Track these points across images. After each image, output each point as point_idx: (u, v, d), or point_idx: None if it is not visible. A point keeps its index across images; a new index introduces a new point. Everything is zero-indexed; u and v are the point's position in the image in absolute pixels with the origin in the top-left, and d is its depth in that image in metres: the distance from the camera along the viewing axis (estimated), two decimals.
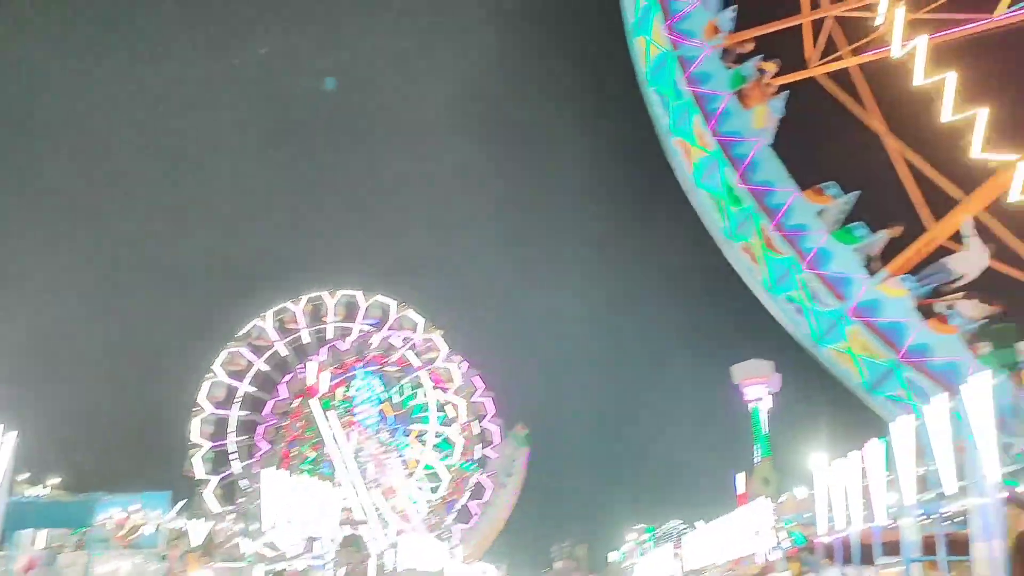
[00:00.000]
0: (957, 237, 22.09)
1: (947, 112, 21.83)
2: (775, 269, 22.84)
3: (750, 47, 25.22)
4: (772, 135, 23.94)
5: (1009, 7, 22.48)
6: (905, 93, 23.38)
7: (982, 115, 21.26)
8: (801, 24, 26.01)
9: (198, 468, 75.84)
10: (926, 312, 21.40)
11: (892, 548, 23.73)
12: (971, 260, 21.15)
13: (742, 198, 22.91)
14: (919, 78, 22.32)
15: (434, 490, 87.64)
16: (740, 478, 79.51)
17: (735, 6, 25.31)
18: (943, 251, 22.66)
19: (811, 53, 26.06)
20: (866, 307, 21.81)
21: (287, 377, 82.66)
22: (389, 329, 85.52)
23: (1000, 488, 16.49)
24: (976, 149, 21.39)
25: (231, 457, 78.11)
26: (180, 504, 41.55)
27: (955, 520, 26.36)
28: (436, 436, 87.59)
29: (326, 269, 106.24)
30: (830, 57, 25.83)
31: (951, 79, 21.69)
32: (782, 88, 24.66)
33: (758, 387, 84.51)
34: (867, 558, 25.51)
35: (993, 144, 21.67)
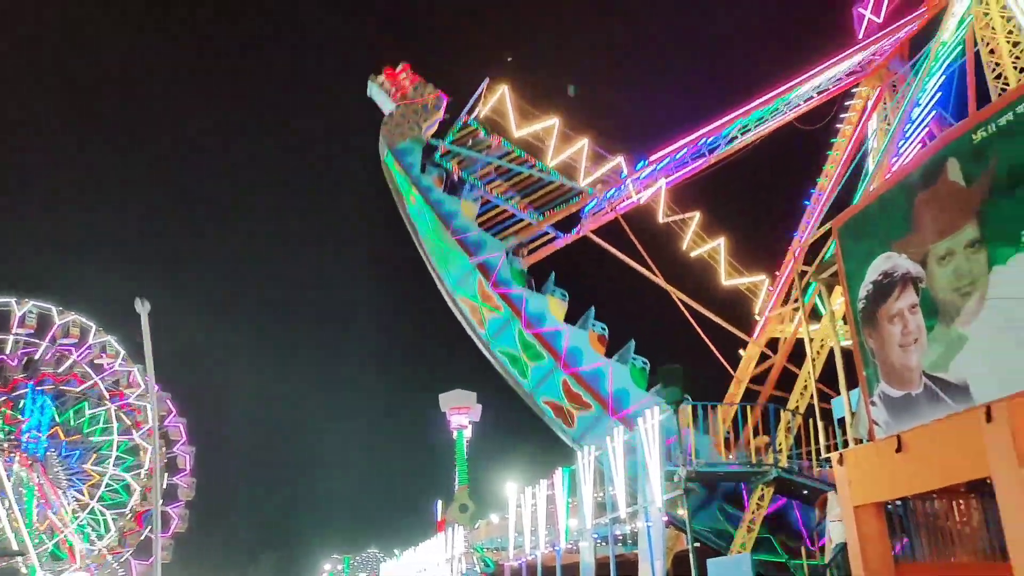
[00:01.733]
0: None
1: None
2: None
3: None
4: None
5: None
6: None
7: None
8: None
9: None
10: None
11: (571, 570, 25.45)
12: None
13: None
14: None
15: (114, 520, 79.62)
16: (440, 505, 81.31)
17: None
18: None
19: None
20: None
21: None
22: (53, 339, 76.59)
23: (663, 512, 18.37)
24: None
25: None
26: None
27: (626, 543, 28.85)
28: (118, 462, 79.88)
29: None
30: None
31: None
32: None
33: (462, 416, 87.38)
34: None
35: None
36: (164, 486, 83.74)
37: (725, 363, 29.76)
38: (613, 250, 29.89)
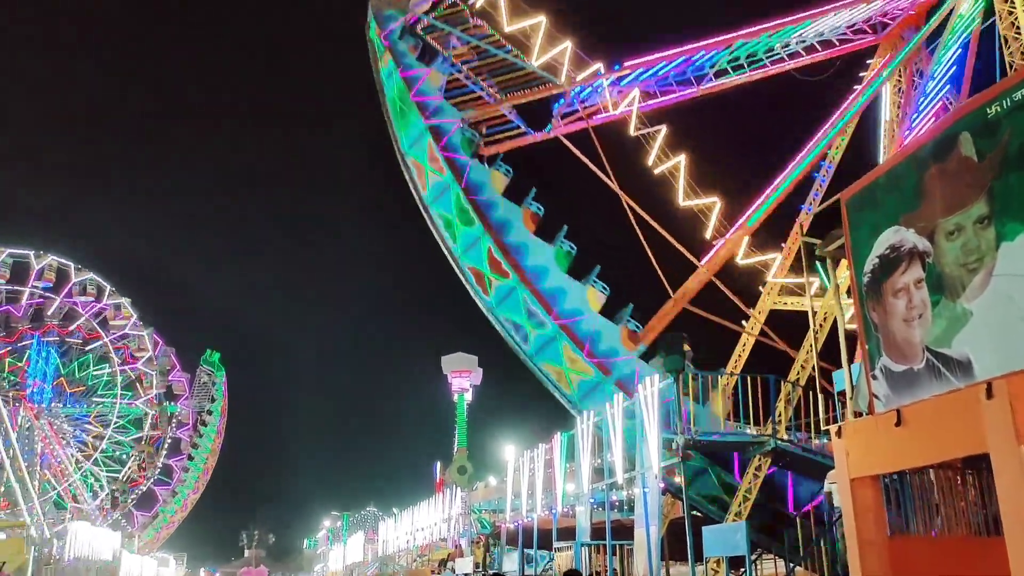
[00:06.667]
0: None
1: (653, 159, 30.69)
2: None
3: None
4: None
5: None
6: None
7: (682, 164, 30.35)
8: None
9: None
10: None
11: (567, 534, 25.72)
12: None
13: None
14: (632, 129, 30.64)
15: (109, 482, 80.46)
16: (438, 466, 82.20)
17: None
18: None
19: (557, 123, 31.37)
20: (570, 318, 25.02)
21: None
22: (68, 294, 77.14)
23: (660, 479, 18.49)
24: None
25: None
26: None
27: (622, 508, 29.08)
28: (122, 415, 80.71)
29: None
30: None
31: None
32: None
33: (463, 379, 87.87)
34: (545, 543, 27.42)
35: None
36: (168, 441, 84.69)
37: (666, 284, 29.83)
38: (577, 152, 30.51)
